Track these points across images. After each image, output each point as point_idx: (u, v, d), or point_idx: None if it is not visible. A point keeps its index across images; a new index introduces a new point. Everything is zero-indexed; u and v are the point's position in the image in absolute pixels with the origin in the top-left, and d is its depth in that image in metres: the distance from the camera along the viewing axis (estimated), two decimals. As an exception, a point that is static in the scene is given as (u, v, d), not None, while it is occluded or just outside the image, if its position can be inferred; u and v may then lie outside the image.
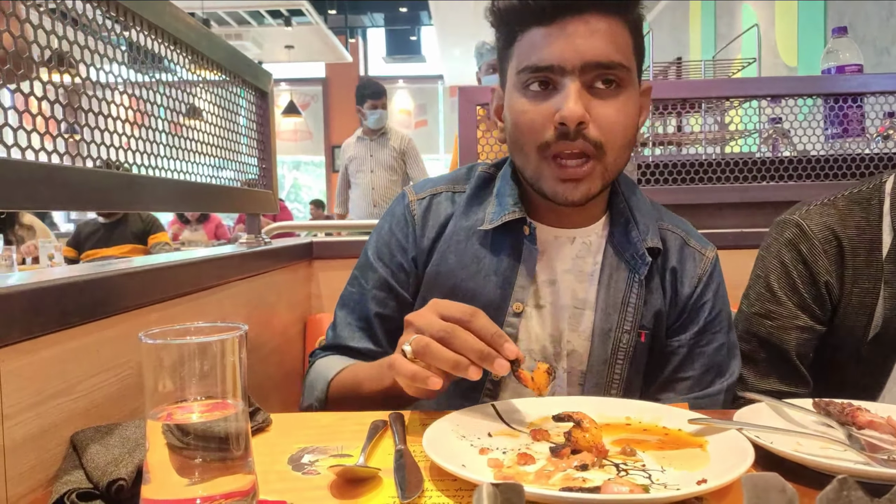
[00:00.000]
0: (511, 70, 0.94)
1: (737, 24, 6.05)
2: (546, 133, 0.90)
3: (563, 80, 0.88)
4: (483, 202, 1.05)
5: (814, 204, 1.09)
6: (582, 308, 1.00)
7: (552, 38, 0.88)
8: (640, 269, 0.98)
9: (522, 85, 0.91)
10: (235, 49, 1.45)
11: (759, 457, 0.64)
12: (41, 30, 0.78)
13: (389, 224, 1.08)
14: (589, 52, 0.87)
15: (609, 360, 0.98)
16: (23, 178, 0.73)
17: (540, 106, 0.90)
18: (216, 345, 0.54)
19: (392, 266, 1.05)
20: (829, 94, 1.86)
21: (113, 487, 0.61)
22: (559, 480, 0.62)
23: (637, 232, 1.00)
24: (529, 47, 0.90)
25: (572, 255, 1.01)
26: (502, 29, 0.95)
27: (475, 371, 0.73)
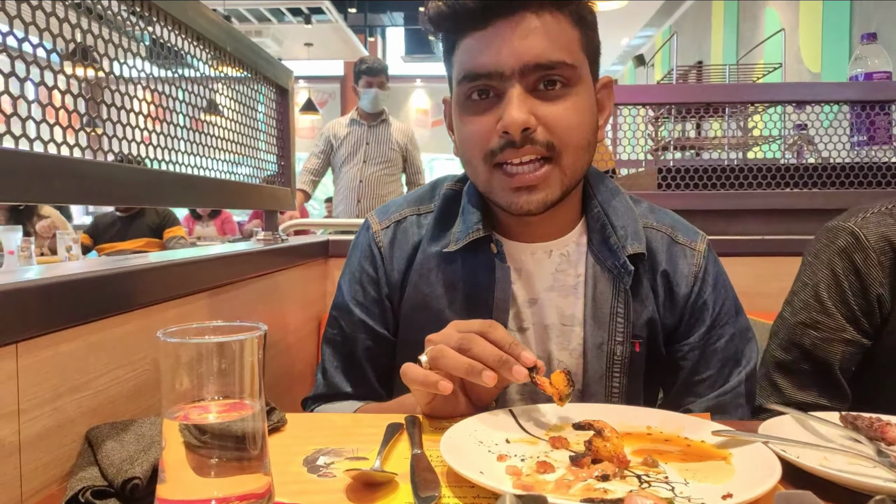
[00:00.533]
0: (453, 80, 0.90)
1: (760, 28, 5.99)
2: (491, 142, 0.86)
3: (503, 86, 0.84)
4: (450, 222, 0.99)
5: (870, 212, 1.03)
6: (570, 325, 0.95)
7: (487, 43, 0.83)
8: (624, 278, 0.93)
9: (464, 96, 0.88)
10: (257, 45, 1.45)
11: (785, 472, 0.62)
12: (66, 23, 0.78)
13: (358, 258, 1.04)
14: (526, 53, 0.82)
15: (605, 375, 0.95)
16: (44, 172, 0.73)
17: (483, 117, 0.86)
18: (235, 344, 0.54)
19: (368, 304, 1.02)
20: (856, 101, 1.83)
21: (128, 486, 0.60)
22: (579, 491, 0.60)
23: (615, 238, 0.94)
24: (466, 55, 0.86)
25: (552, 269, 0.96)
26: (442, 36, 0.91)
27: (489, 376, 0.73)
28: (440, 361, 0.75)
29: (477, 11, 0.83)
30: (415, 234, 1.01)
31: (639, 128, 1.95)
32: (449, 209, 1.01)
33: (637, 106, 1.94)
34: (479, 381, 0.73)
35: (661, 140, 2.06)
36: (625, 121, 1.95)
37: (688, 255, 0.98)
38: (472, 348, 0.75)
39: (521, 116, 0.82)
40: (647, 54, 9.90)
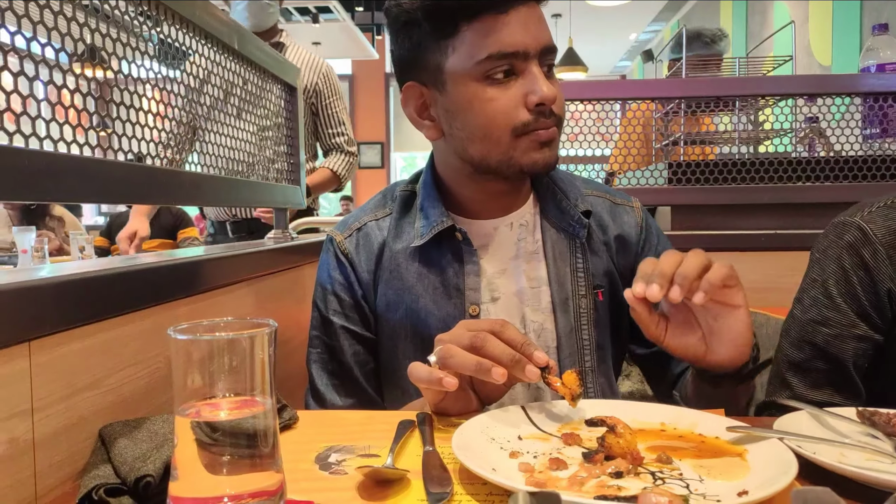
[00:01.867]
0: (456, 62, 0.91)
1: (769, 22, 5.94)
2: (520, 115, 0.91)
3: (526, 65, 0.90)
4: (410, 220, 1.05)
5: (876, 206, 1.02)
6: (538, 286, 1.02)
7: (511, 25, 0.89)
8: (580, 232, 1.02)
9: (483, 73, 0.90)
10: (265, 44, 1.45)
11: (801, 468, 0.61)
12: (74, 23, 0.78)
13: (327, 271, 1.08)
14: (542, 37, 0.91)
15: (574, 327, 1.01)
16: (55, 171, 0.73)
17: (508, 91, 0.91)
18: (246, 341, 0.53)
19: (346, 311, 1.05)
20: (868, 93, 1.81)
21: (141, 484, 0.61)
22: (593, 488, 0.60)
23: (567, 201, 1.04)
24: (484, 36, 0.89)
25: (514, 240, 1.03)
26: (440, 21, 0.91)
27: (499, 372, 0.73)
28: (449, 361, 0.76)
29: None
30: (377, 236, 1.06)
31: (649, 122, 1.93)
32: (406, 209, 1.07)
33: (647, 100, 1.92)
34: (489, 379, 0.74)
35: (672, 134, 2.05)
36: (634, 115, 1.93)
37: (628, 212, 1.10)
38: (485, 347, 0.75)
39: (554, 91, 0.91)
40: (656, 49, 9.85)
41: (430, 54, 0.94)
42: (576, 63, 7.38)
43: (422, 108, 0.99)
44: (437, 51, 0.93)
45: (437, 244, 1.01)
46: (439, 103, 0.96)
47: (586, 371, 1.02)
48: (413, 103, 0.99)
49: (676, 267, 0.76)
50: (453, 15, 0.90)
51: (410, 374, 0.79)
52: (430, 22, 0.92)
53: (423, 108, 0.99)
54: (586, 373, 1.02)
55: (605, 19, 8.78)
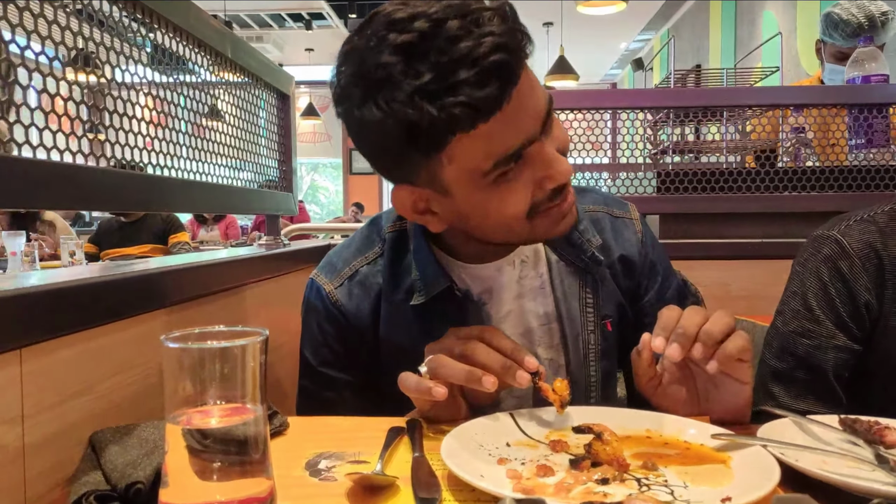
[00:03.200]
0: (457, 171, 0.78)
1: (757, 32, 6.00)
2: (538, 199, 0.81)
3: (536, 147, 0.79)
4: (405, 266, 0.96)
5: (853, 219, 1.05)
6: (547, 323, 0.98)
7: (511, 118, 0.75)
8: (593, 269, 0.98)
9: (495, 175, 0.78)
10: (258, 51, 1.46)
11: (784, 475, 0.62)
12: (68, 30, 0.78)
13: (316, 321, 0.99)
14: (539, 107, 0.78)
15: (583, 363, 0.99)
16: (47, 178, 0.73)
17: (520, 180, 0.80)
18: (237, 349, 0.54)
19: (341, 360, 0.99)
20: (854, 105, 1.84)
21: (131, 490, 0.61)
22: (579, 494, 0.61)
23: (577, 233, 0.97)
24: (486, 142, 0.75)
25: (514, 279, 0.97)
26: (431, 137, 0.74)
27: (490, 381, 0.73)
28: (439, 371, 0.76)
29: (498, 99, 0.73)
30: (373, 284, 0.98)
31: (637, 132, 1.96)
32: (398, 252, 0.98)
33: (636, 110, 1.94)
34: (480, 388, 0.74)
35: (660, 144, 2.07)
36: (623, 125, 1.95)
37: (629, 226, 1.06)
38: (474, 355, 0.75)
39: (566, 164, 0.81)
40: (646, 58, 9.92)
41: (418, 165, 0.79)
42: (567, 71, 7.42)
43: (422, 209, 0.86)
44: (426, 162, 0.78)
45: (437, 300, 0.93)
46: (444, 204, 0.84)
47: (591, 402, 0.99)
48: (409, 204, 0.85)
49: (699, 328, 0.73)
50: (446, 131, 0.74)
51: (400, 383, 0.78)
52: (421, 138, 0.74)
53: (423, 207, 0.85)
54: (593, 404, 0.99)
55: (595, 28, 8.84)
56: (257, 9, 8.07)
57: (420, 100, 0.71)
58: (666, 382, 0.83)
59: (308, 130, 11.95)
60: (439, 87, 0.71)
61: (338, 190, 12.46)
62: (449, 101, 0.71)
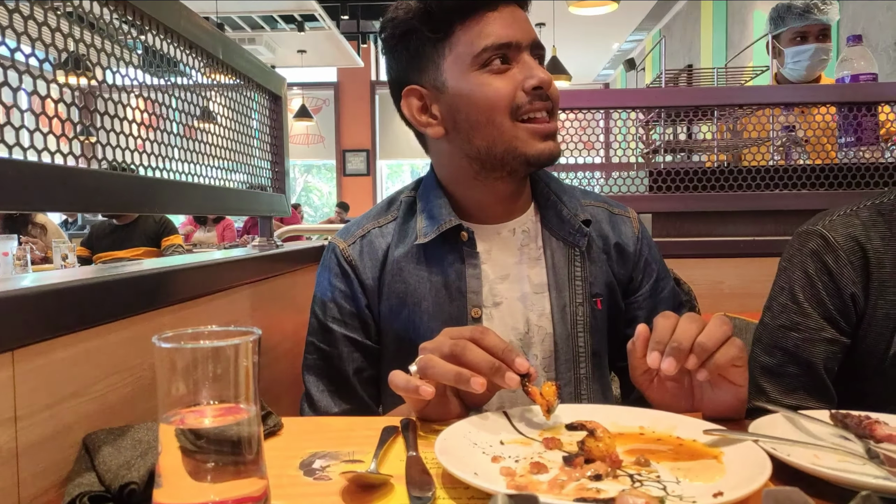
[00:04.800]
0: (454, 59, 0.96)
1: (748, 31, 6.03)
2: (517, 98, 0.95)
3: (520, 56, 0.96)
4: (414, 223, 1.06)
5: (837, 214, 1.06)
6: (541, 291, 1.04)
7: (504, 20, 0.96)
8: (579, 241, 1.05)
9: (482, 63, 0.95)
10: (250, 53, 1.46)
11: (776, 469, 0.63)
12: (59, 33, 0.78)
13: (328, 279, 1.08)
14: (531, 32, 0.98)
15: (571, 334, 1.03)
16: (39, 181, 0.73)
17: (505, 77, 0.95)
18: (230, 349, 0.54)
19: (346, 319, 1.06)
20: (843, 103, 1.85)
21: (125, 491, 0.61)
22: (572, 490, 0.61)
23: (567, 209, 1.06)
24: (479, 31, 0.95)
25: (517, 245, 1.05)
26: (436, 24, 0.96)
27: (478, 382, 0.74)
28: (429, 371, 0.77)
29: None
30: (381, 243, 1.07)
31: (629, 131, 1.96)
32: (410, 214, 1.08)
33: (628, 109, 1.95)
34: (468, 389, 0.74)
35: (653, 143, 2.08)
36: (616, 124, 1.96)
37: (626, 222, 1.13)
38: (465, 355, 0.76)
39: (549, 75, 0.96)
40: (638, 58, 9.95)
41: (427, 58, 0.98)
42: (559, 71, 7.44)
43: (422, 110, 1.01)
44: (434, 53, 0.98)
45: (440, 244, 1.02)
46: (441, 101, 0.99)
47: (581, 378, 1.03)
48: (413, 105, 1.01)
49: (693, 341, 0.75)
50: (448, 16, 0.95)
51: (390, 381, 0.79)
52: (426, 26, 0.97)
53: (424, 110, 1.01)
54: (581, 380, 1.03)
55: (588, 28, 8.86)
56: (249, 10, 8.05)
57: None
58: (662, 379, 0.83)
59: (301, 132, 11.93)
60: None
61: (331, 192, 12.44)
62: None
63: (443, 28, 0.96)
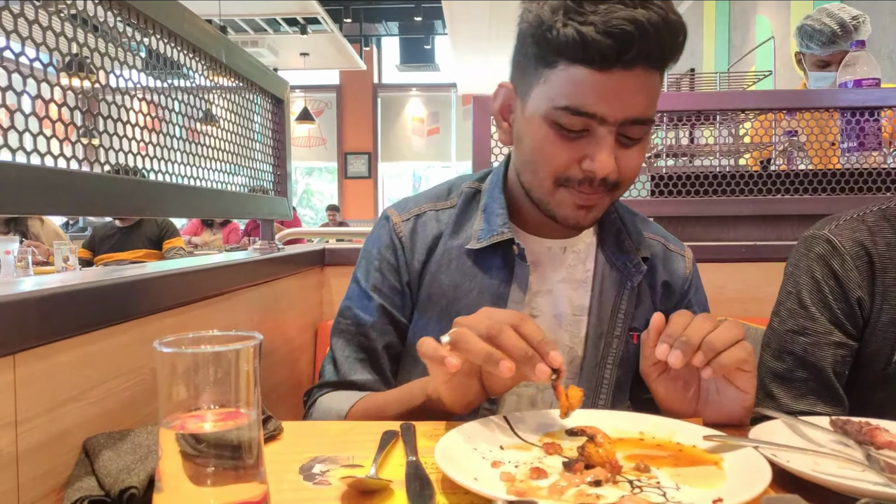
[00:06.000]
0: (542, 92, 0.89)
1: (751, 35, 6.03)
2: (570, 171, 0.89)
3: (600, 129, 0.86)
4: (471, 219, 1.05)
5: (843, 219, 1.07)
6: (580, 314, 1.03)
7: (601, 87, 0.84)
8: (634, 276, 1.03)
9: (553, 119, 0.87)
10: (252, 57, 1.46)
11: (776, 476, 0.63)
12: (62, 36, 0.79)
13: (378, 248, 1.07)
14: (632, 108, 0.86)
15: (599, 364, 1.02)
16: (41, 184, 0.74)
17: (570, 145, 0.88)
18: (231, 354, 0.54)
19: (388, 292, 1.05)
20: (846, 108, 1.85)
21: (125, 496, 0.61)
22: (572, 496, 0.61)
23: (630, 242, 1.04)
24: (572, 85, 0.85)
25: (565, 264, 1.04)
26: (543, 50, 0.87)
27: (507, 367, 0.71)
28: (461, 345, 0.74)
29: (605, 56, 0.82)
30: (434, 227, 1.05)
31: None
32: (468, 207, 1.06)
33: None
34: (496, 371, 0.72)
35: (654, 147, 2.08)
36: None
37: (680, 261, 1.11)
38: (500, 337, 0.74)
39: (611, 166, 0.87)
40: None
41: (528, 70, 0.91)
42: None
43: (506, 110, 0.99)
44: (534, 71, 0.90)
45: (493, 251, 1.01)
46: (517, 116, 0.96)
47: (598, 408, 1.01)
48: (500, 101, 0.99)
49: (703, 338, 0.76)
50: (555, 51, 0.86)
51: (418, 347, 0.78)
52: (535, 46, 0.88)
53: (507, 111, 0.98)
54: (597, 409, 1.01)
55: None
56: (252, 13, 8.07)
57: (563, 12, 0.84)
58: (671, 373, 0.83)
59: (303, 135, 11.95)
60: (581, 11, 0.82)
61: (332, 195, 12.45)
62: (574, 24, 0.83)
63: (546, 57, 0.87)
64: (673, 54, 0.87)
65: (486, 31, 8.07)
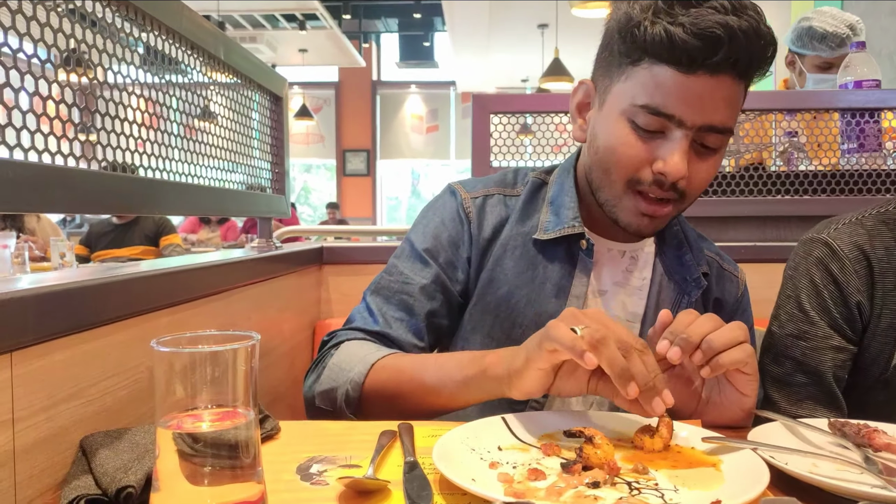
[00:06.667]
0: (622, 90, 0.89)
1: (751, 35, 6.02)
2: (641, 172, 0.89)
3: (677, 132, 0.86)
4: (536, 209, 1.04)
5: (842, 222, 1.06)
6: (633, 321, 1.02)
7: (683, 89, 0.84)
8: (693, 291, 1.02)
9: (632, 116, 0.88)
10: (251, 54, 1.46)
11: (774, 478, 0.63)
12: (60, 33, 0.78)
13: (441, 218, 1.05)
14: (712, 115, 0.86)
15: None
16: (38, 182, 0.73)
17: (645, 145, 0.88)
18: (228, 353, 0.54)
19: (444, 262, 1.02)
20: (846, 109, 1.85)
21: (122, 494, 0.61)
22: (570, 498, 0.61)
23: (691, 256, 1.04)
24: (654, 84, 0.85)
25: (622, 267, 1.04)
26: (629, 47, 0.88)
27: (634, 389, 0.70)
28: (601, 347, 0.71)
29: (692, 58, 0.83)
30: (502, 211, 1.05)
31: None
32: (535, 197, 1.06)
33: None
34: (622, 388, 0.71)
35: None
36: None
37: (733, 280, 1.11)
38: (628, 357, 0.72)
39: (683, 170, 0.87)
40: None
41: (611, 67, 0.91)
42: (562, 73, 7.43)
43: (583, 107, 0.99)
44: (617, 68, 0.90)
45: (558, 243, 1.01)
46: (594, 113, 0.96)
47: None
48: (579, 97, 0.99)
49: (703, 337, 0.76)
50: (641, 49, 0.86)
51: (551, 330, 0.74)
52: (622, 43, 0.88)
53: (585, 107, 0.99)
54: None
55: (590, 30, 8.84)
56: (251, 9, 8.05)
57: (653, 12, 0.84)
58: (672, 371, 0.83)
59: (301, 131, 11.94)
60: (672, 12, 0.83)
61: (331, 192, 12.44)
62: (664, 23, 0.83)
63: (631, 53, 0.87)
64: (761, 65, 0.87)
65: (486, 29, 8.06)
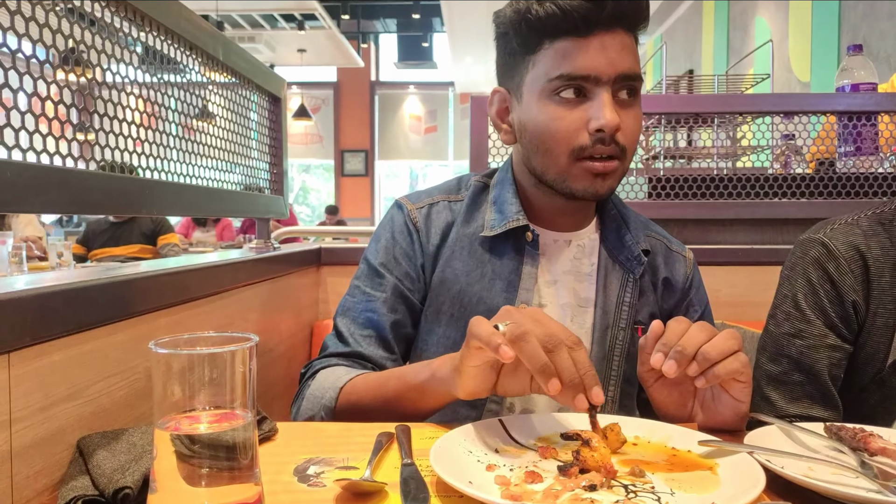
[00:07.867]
0: (534, 77, 0.95)
1: (750, 37, 6.04)
2: (580, 138, 0.93)
3: (596, 90, 0.92)
4: (481, 210, 1.08)
5: (838, 223, 1.08)
6: (585, 306, 1.05)
7: (588, 50, 0.91)
8: (636, 269, 1.06)
9: (553, 91, 0.93)
10: (249, 54, 1.46)
11: (770, 481, 0.63)
12: (59, 33, 0.78)
13: (391, 232, 1.09)
14: (621, 64, 0.92)
15: (607, 356, 1.04)
16: (35, 182, 0.73)
17: (573, 112, 0.93)
18: (226, 355, 0.54)
19: (399, 274, 1.06)
20: (843, 112, 1.85)
21: (119, 495, 0.61)
22: (567, 500, 0.61)
23: (630, 235, 1.07)
24: (561, 56, 0.92)
25: (570, 256, 1.06)
26: (525, 36, 0.94)
27: (556, 386, 0.70)
28: (521, 344, 0.71)
29: (585, 21, 0.90)
30: (447, 215, 1.09)
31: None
32: (478, 199, 1.10)
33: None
34: (544, 385, 0.70)
35: (652, 149, 2.08)
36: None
37: (681, 261, 1.13)
38: (555, 354, 0.71)
39: (616, 119, 0.91)
40: (639, 62, 9.93)
41: (516, 65, 0.98)
42: (560, 75, 7.44)
43: (503, 113, 1.04)
44: (521, 63, 0.97)
45: (505, 239, 1.04)
46: (515, 112, 1.00)
47: (607, 401, 1.03)
48: (496, 106, 1.04)
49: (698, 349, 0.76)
50: (535, 33, 0.93)
51: (472, 326, 0.75)
52: (516, 37, 0.96)
53: (504, 113, 1.03)
54: (606, 402, 1.03)
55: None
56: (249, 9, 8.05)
57: None
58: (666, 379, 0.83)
59: (299, 132, 11.93)
60: None
61: (329, 192, 12.43)
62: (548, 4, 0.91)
63: (531, 42, 0.94)
64: (643, 15, 0.95)
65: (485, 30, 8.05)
